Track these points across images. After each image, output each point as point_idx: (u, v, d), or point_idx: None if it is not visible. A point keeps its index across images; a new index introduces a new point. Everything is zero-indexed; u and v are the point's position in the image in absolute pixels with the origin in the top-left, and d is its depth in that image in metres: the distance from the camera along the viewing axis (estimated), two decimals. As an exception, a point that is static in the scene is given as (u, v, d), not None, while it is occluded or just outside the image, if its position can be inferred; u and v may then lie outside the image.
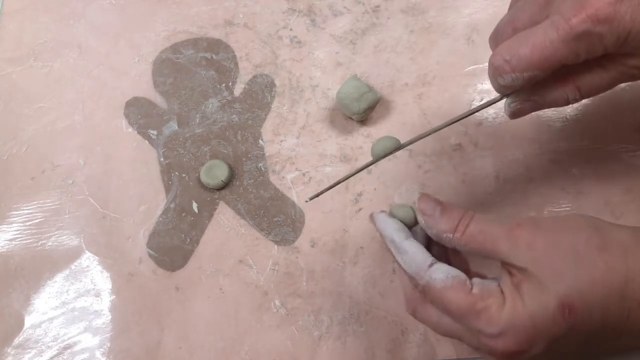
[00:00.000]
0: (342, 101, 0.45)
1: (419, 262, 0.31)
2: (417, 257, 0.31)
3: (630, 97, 0.46)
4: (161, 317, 0.42)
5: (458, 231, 0.31)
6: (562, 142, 0.45)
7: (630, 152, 0.44)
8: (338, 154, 0.46)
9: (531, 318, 0.28)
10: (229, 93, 0.49)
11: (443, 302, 0.29)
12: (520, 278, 0.29)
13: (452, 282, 0.29)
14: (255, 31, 0.51)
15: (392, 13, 0.50)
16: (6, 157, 0.47)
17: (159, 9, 0.52)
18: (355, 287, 0.42)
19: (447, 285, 0.29)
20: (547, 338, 0.28)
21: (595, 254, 0.28)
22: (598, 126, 0.45)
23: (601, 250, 0.28)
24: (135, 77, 0.50)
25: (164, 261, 0.44)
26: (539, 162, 0.45)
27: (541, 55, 0.28)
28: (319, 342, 0.41)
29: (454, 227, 0.31)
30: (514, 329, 0.28)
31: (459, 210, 0.31)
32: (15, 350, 0.42)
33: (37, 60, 0.51)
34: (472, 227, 0.31)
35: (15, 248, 0.44)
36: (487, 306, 0.28)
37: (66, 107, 0.49)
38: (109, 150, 0.47)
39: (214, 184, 0.45)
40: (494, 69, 0.30)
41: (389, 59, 0.49)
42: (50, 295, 0.43)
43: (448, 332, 0.31)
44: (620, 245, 0.29)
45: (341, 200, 0.44)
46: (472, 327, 0.29)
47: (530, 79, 0.29)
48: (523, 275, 0.29)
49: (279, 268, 0.43)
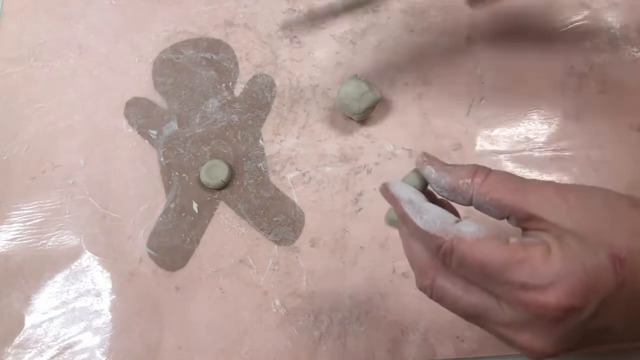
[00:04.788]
0: (342, 101, 0.45)
1: (445, 217, 0.27)
2: (441, 214, 0.27)
3: (630, 97, 0.46)
4: (161, 317, 0.42)
5: (478, 176, 0.27)
6: (562, 142, 0.45)
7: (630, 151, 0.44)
8: (338, 154, 0.46)
9: (583, 267, 0.24)
10: (229, 93, 0.49)
11: (476, 256, 0.25)
12: (557, 231, 0.25)
13: (486, 233, 0.26)
14: (255, 31, 0.51)
15: (392, 13, 0.50)
16: (6, 157, 0.47)
17: (159, 9, 0.52)
18: (355, 287, 0.42)
19: (481, 237, 0.25)
20: (600, 294, 0.24)
21: (630, 209, 0.26)
22: (598, 126, 0.45)
23: (635, 206, 0.26)
24: (135, 77, 0.50)
25: (164, 261, 0.44)
26: (539, 162, 0.45)
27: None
28: (319, 342, 0.41)
29: (473, 173, 0.27)
30: (566, 277, 0.24)
31: (472, 164, 0.29)
32: (15, 350, 0.42)
33: (37, 60, 0.51)
34: (493, 175, 0.27)
35: (15, 248, 0.44)
36: (531, 254, 0.24)
37: (66, 107, 0.49)
38: (109, 150, 0.47)
39: (214, 184, 0.45)
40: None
41: (389, 59, 0.49)
42: (51, 295, 0.43)
43: (473, 305, 0.27)
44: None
45: (341, 200, 0.44)
46: (513, 282, 0.24)
47: None
48: (559, 229, 0.25)
49: (279, 268, 0.43)
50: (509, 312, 0.25)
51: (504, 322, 0.26)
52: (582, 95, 0.46)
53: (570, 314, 0.24)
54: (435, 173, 0.29)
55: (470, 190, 0.27)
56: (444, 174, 0.28)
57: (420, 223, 0.27)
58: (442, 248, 0.26)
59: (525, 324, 0.25)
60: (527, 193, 0.26)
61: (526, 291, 0.24)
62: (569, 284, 0.24)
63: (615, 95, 0.46)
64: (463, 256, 0.26)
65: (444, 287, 0.28)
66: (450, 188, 0.28)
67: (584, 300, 0.24)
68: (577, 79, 0.47)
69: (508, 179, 0.27)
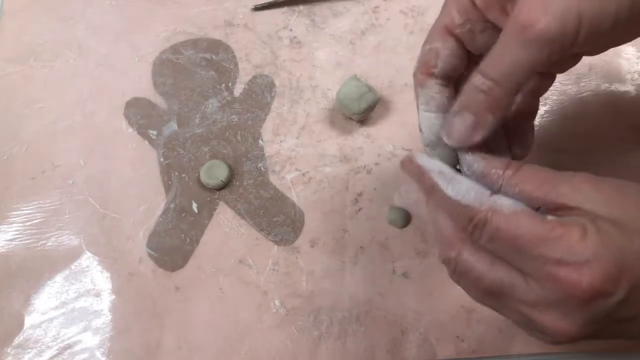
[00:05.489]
0: (342, 101, 0.45)
1: (479, 189, 0.27)
2: (475, 186, 0.27)
3: (630, 97, 0.46)
4: (161, 317, 0.42)
5: (510, 168, 0.27)
6: (562, 142, 0.45)
7: (630, 152, 0.44)
8: (338, 154, 0.46)
9: (619, 251, 0.24)
10: (228, 93, 0.49)
11: (511, 229, 0.25)
12: (592, 217, 0.25)
13: (523, 208, 0.25)
14: (255, 32, 0.51)
15: (391, 14, 0.50)
16: (6, 157, 0.47)
17: (159, 10, 0.52)
18: (355, 287, 0.42)
19: (518, 210, 0.25)
20: (633, 279, 0.24)
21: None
22: (598, 126, 0.45)
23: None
24: (135, 77, 0.50)
25: (164, 261, 0.44)
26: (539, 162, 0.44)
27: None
28: (319, 342, 0.41)
29: (505, 164, 0.27)
30: (602, 258, 0.24)
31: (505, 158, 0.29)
32: (15, 350, 0.42)
33: (37, 60, 0.51)
34: (525, 168, 0.27)
35: (15, 248, 0.44)
36: (568, 232, 0.24)
37: (66, 107, 0.49)
38: (109, 150, 0.47)
39: (213, 184, 0.45)
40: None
41: (389, 59, 0.49)
42: (50, 295, 0.43)
43: (498, 282, 0.27)
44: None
45: (341, 200, 0.45)
46: (548, 258, 0.24)
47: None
48: (594, 216, 0.25)
49: (278, 268, 0.43)
50: (537, 289, 0.25)
51: (529, 301, 0.26)
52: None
53: (602, 296, 0.24)
54: (471, 155, 0.29)
55: (500, 181, 0.27)
56: (478, 159, 0.28)
57: (452, 193, 0.27)
58: (475, 219, 0.26)
59: (552, 302, 0.25)
60: (559, 184, 0.26)
61: (560, 267, 0.24)
62: (604, 266, 0.24)
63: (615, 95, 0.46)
64: (498, 228, 0.25)
65: (469, 261, 0.27)
66: (481, 175, 0.28)
67: (616, 283, 0.24)
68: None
69: (539, 171, 0.27)
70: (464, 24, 0.30)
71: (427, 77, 0.32)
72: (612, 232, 0.24)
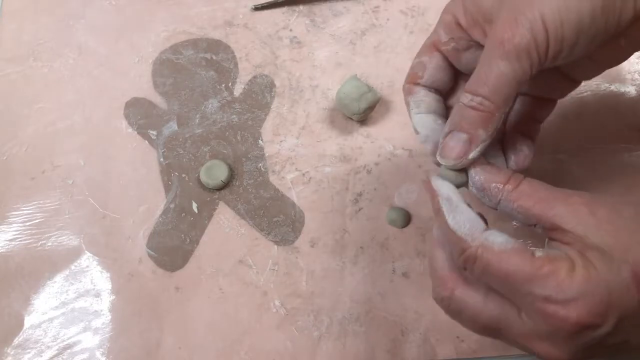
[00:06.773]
0: (342, 101, 0.45)
1: (475, 223, 0.28)
2: (473, 219, 0.28)
3: (630, 97, 0.46)
4: (161, 317, 0.42)
5: (510, 183, 0.28)
6: (562, 142, 0.45)
7: (630, 152, 0.44)
8: (338, 154, 0.46)
9: (606, 285, 0.24)
10: (228, 93, 0.49)
11: (501, 267, 0.26)
12: (582, 245, 0.26)
13: (513, 245, 0.26)
14: (255, 32, 0.51)
15: (391, 14, 0.50)
16: (6, 157, 0.47)
17: (158, 10, 0.52)
18: (355, 287, 0.42)
19: (508, 248, 0.26)
20: (620, 311, 0.25)
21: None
22: (598, 126, 0.45)
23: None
24: (135, 77, 0.50)
25: (164, 261, 0.44)
26: (539, 162, 0.44)
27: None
28: (319, 342, 0.41)
29: (506, 178, 0.28)
30: (589, 295, 0.24)
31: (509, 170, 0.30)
32: (15, 350, 0.42)
33: (37, 60, 0.51)
34: (525, 184, 0.28)
35: (15, 248, 0.44)
36: (556, 269, 0.25)
37: (66, 108, 0.49)
38: (109, 150, 0.47)
39: (213, 184, 0.45)
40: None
41: (389, 59, 0.49)
42: (50, 295, 0.43)
43: (494, 317, 0.28)
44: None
45: (341, 200, 0.44)
46: (537, 295, 0.25)
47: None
48: (584, 243, 0.26)
49: (278, 268, 0.43)
50: (529, 322, 0.26)
51: (523, 333, 0.27)
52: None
53: (590, 329, 0.25)
54: (473, 169, 0.29)
55: (499, 195, 0.28)
56: (479, 172, 0.29)
57: (452, 222, 0.28)
58: (466, 253, 0.27)
59: (544, 334, 0.26)
60: (555, 204, 0.27)
61: (549, 304, 0.25)
62: (590, 303, 0.24)
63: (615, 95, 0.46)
64: (488, 265, 0.26)
65: (463, 299, 0.28)
66: (481, 187, 0.29)
67: (603, 318, 0.25)
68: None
69: (539, 188, 0.28)
70: (449, 42, 0.32)
71: (413, 85, 0.34)
72: (599, 265, 0.25)
